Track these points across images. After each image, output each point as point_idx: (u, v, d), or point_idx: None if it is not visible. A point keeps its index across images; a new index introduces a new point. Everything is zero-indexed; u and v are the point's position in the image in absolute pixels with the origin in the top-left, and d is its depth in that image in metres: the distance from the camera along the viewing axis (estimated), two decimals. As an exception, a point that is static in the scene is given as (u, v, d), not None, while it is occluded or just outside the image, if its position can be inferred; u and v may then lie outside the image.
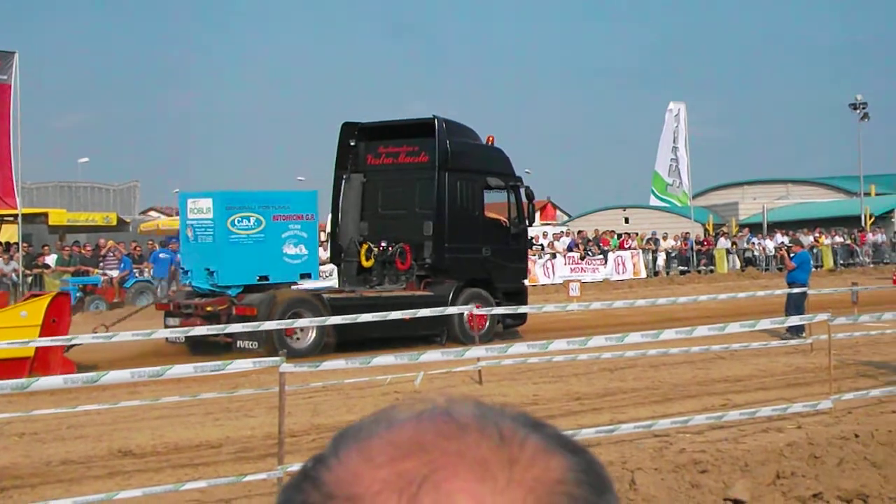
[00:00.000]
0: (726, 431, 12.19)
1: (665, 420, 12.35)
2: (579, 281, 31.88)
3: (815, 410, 12.99)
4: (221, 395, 15.15)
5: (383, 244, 23.63)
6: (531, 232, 30.30)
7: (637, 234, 49.27)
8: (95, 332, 18.76)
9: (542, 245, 43.84)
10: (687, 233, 49.76)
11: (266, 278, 21.64)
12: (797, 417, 12.81)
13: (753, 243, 50.95)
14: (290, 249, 21.95)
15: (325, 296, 22.02)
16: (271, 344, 19.02)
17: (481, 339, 20.05)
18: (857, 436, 11.02)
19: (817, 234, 52.33)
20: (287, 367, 10.53)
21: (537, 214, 29.28)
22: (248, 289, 21.39)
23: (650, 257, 46.67)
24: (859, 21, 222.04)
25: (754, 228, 58.30)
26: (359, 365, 13.11)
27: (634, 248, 45.79)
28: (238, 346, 20.22)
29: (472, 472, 0.91)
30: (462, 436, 0.94)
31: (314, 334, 20.87)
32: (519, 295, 24.51)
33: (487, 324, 22.51)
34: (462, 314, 21.52)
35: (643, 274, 45.05)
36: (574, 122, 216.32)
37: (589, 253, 43.67)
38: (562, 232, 47.81)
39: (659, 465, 10.06)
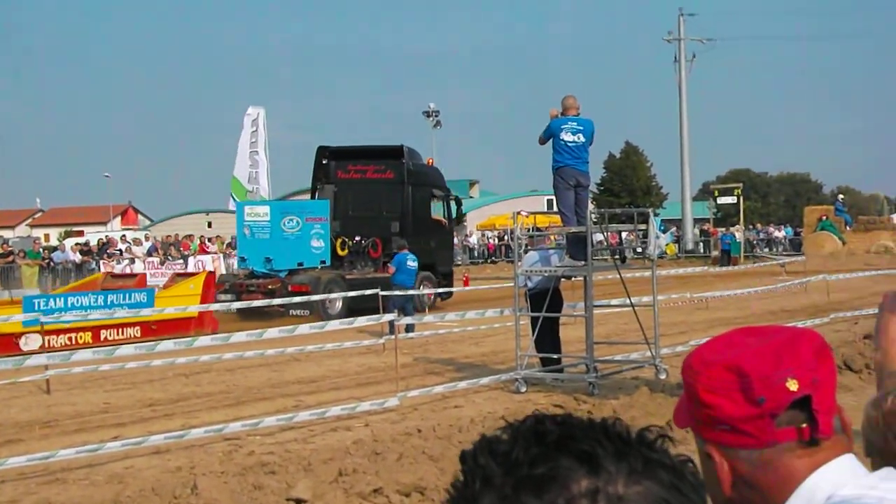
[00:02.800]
0: (297, 432, 12.35)
1: (236, 423, 12.34)
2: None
3: (382, 408, 13.42)
4: None
5: (357, 238, 30.63)
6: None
7: (219, 237, 48.94)
8: None
9: (120, 250, 42.69)
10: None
11: (301, 264, 28.89)
12: (366, 416, 13.19)
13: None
14: (315, 243, 29.37)
15: (347, 276, 29.21)
16: (317, 311, 26.27)
17: (430, 308, 29.56)
18: (419, 431, 11.48)
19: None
20: None
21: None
22: (291, 272, 28.43)
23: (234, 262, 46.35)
24: (439, 31, 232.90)
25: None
26: None
27: (216, 253, 45.28)
28: (291, 313, 26.16)
29: None
30: None
31: (341, 304, 27.31)
32: (450, 276, 33.17)
33: (433, 297, 31.03)
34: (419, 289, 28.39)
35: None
36: (156, 123, 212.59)
37: (169, 257, 42.87)
38: (142, 238, 46.74)
39: (226, 468, 10.01)
